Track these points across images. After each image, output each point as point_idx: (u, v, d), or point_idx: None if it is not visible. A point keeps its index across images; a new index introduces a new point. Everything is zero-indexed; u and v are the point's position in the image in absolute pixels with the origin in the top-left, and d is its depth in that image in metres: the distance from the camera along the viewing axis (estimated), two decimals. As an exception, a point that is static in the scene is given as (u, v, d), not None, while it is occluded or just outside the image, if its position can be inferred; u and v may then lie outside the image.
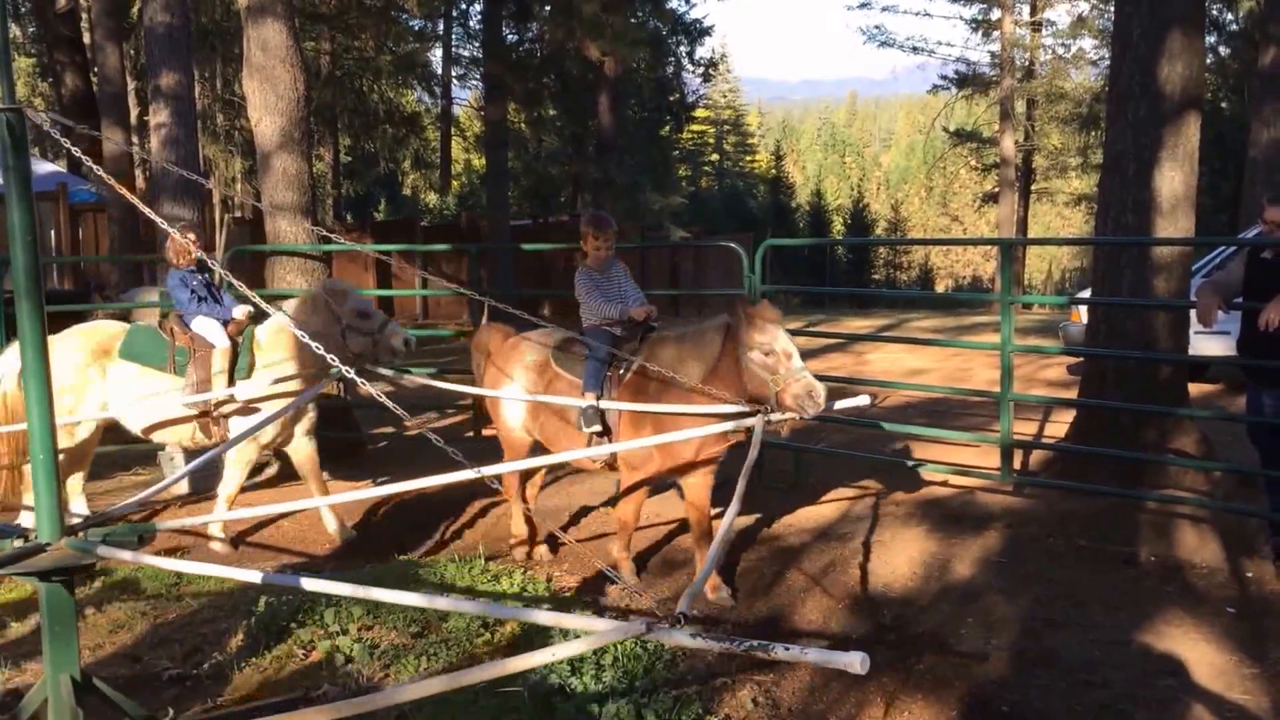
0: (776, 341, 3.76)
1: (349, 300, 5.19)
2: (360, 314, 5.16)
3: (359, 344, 5.12)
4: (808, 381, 3.68)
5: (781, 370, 3.73)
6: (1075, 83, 26.20)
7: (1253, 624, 3.98)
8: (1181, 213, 5.49)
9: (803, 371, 3.71)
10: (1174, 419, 5.46)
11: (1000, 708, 3.36)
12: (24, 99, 16.03)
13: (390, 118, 21.82)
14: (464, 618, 3.98)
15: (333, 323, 5.14)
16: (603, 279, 4.52)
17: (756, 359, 3.79)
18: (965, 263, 50.02)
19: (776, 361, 3.75)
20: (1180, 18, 5.39)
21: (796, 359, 3.75)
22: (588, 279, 4.49)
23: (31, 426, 2.89)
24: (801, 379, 3.69)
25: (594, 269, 4.50)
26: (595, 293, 4.46)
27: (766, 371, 3.76)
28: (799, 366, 3.72)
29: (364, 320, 5.15)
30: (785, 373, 3.72)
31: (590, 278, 4.49)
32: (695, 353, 4.03)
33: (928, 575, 4.53)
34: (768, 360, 3.77)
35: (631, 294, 4.55)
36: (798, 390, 3.67)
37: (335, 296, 5.20)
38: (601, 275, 4.52)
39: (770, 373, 3.75)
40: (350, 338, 5.13)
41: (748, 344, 3.81)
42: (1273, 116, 11.18)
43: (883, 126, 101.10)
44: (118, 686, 3.10)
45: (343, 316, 5.14)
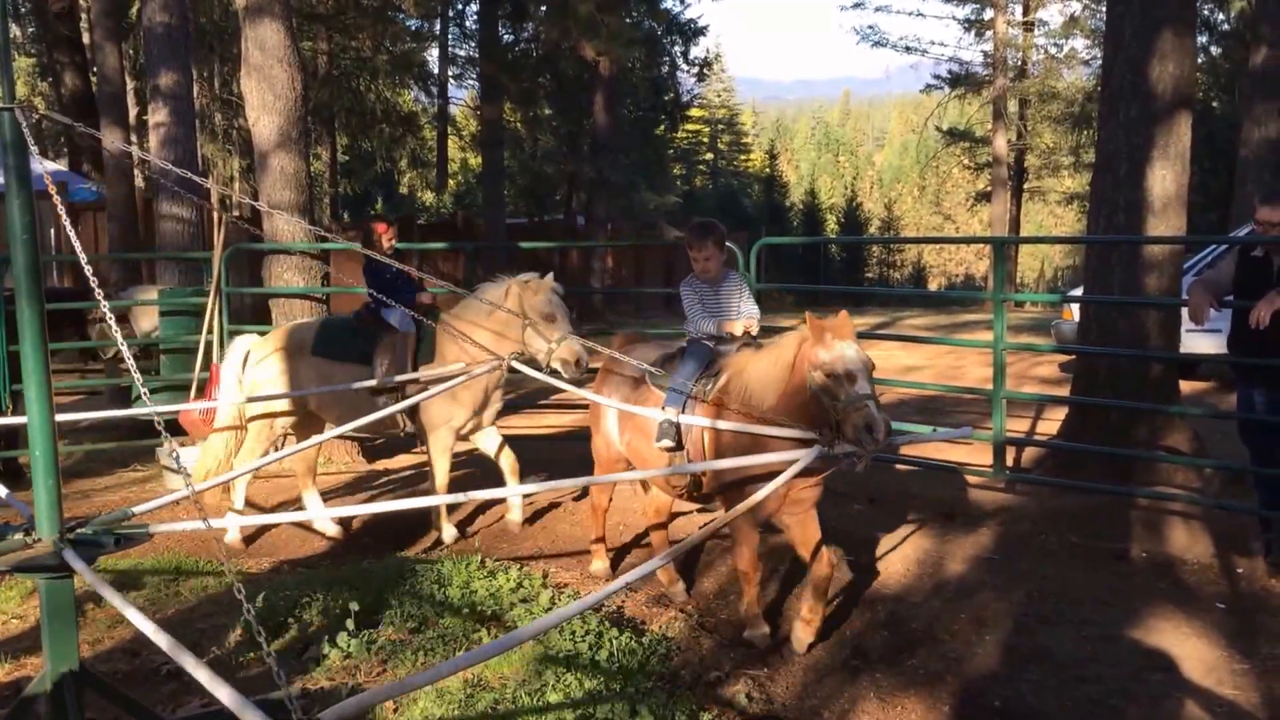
0: (840, 362, 3.32)
1: (540, 299, 4.86)
2: (545, 316, 4.84)
3: (536, 345, 4.85)
4: (867, 413, 3.22)
5: (841, 396, 3.29)
6: (1067, 82, 26.30)
7: (1243, 620, 4.02)
8: (1173, 211, 5.54)
9: (864, 400, 3.25)
10: (1165, 416, 5.51)
11: (993, 703, 3.40)
12: (23, 98, 15.94)
13: (387, 117, 21.81)
14: (460, 615, 4.00)
15: (517, 317, 4.89)
16: (707, 290, 4.19)
17: (818, 380, 3.35)
18: (958, 261, 50.15)
19: (838, 385, 3.31)
20: (1172, 18, 5.44)
21: (861, 383, 3.29)
22: (689, 291, 4.21)
23: (32, 425, 2.90)
24: (861, 409, 3.24)
25: (701, 280, 4.20)
26: (695, 306, 4.17)
27: (827, 396, 3.34)
28: (861, 393, 3.26)
29: (547, 323, 4.83)
30: (845, 400, 3.27)
31: (693, 289, 4.21)
32: (768, 372, 3.60)
33: (921, 571, 4.56)
34: (828, 383, 3.33)
35: (738, 308, 4.20)
36: (856, 422, 3.23)
37: (528, 290, 4.90)
38: (708, 287, 4.20)
39: (831, 398, 3.32)
40: (530, 337, 4.86)
41: (811, 362, 3.39)
42: (1263, 116, 11.26)
43: (876, 126, 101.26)
44: (117, 681, 3.12)
45: (529, 313, 4.87)
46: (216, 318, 6.68)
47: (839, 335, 3.38)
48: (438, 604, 4.09)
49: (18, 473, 6.40)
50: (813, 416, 3.43)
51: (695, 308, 4.18)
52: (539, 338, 4.83)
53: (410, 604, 4.06)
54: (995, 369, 5.47)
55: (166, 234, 8.00)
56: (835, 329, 3.39)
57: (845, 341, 3.37)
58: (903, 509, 5.39)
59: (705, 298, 4.19)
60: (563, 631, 3.68)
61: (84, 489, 6.30)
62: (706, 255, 4.15)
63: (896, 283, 43.20)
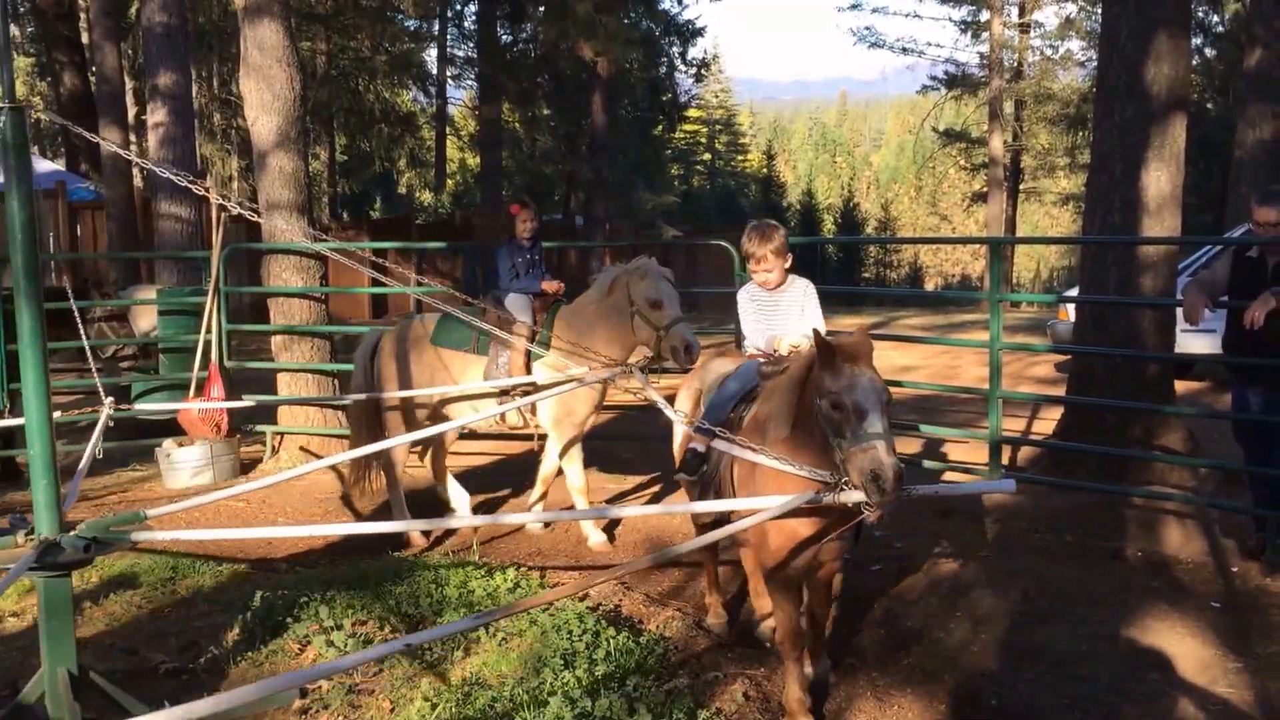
0: (848, 392, 2.77)
1: (645, 285, 4.65)
2: (651, 303, 4.62)
3: (645, 334, 4.68)
4: (875, 456, 2.67)
5: (847, 433, 2.76)
6: (1063, 84, 26.37)
7: (1238, 618, 4.04)
8: (1168, 212, 5.56)
9: (872, 440, 2.70)
10: (1160, 416, 5.53)
11: (989, 701, 3.41)
12: (22, 98, 15.95)
13: (386, 117, 21.83)
14: (458, 614, 4.01)
15: (625, 305, 4.71)
16: (766, 300, 3.71)
17: (824, 411, 2.83)
18: (954, 261, 50.24)
19: (844, 420, 2.77)
20: (1167, 19, 5.46)
21: (872, 420, 2.73)
22: (744, 299, 3.76)
23: (30, 424, 2.91)
24: (868, 449, 2.69)
25: (760, 287, 3.72)
26: (748, 316, 3.72)
27: (832, 431, 2.82)
28: (872, 431, 2.71)
29: (653, 310, 4.62)
30: (851, 439, 2.74)
31: (750, 298, 3.73)
32: (781, 399, 3.08)
33: (916, 570, 4.58)
34: (835, 416, 2.80)
35: (797, 321, 3.67)
36: (861, 466, 2.69)
37: (633, 277, 4.70)
38: (767, 295, 3.72)
39: (836, 434, 2.80)
40: (638, 325, 4.69)
41: (818, 389, 2.86)
42: (1257, 117, 11.30)
43: (873, 126, 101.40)
44: (114, 680, 3.12)
45: (635, 299, 4.67)
46: (215, 317, 6.68)
47: (852, 359, 2.83)
48: (435, 604, 4.09)
49: (16, 473, 6.40)
50: (814, 454, 2.94)
51: (747, 317, 3.70)
52: (646, 326, 4.65)
53: (407, 604, 4.07)
54: (991, 369, 5.49)
55: (165, 233, 8.01)
56: (848, 352, 2.84)
57: (859, 368, 2.82)
58: (898, 507, 5.40)
59: (763, 306, 3.70)
60: (560, 630, 3.69)
61: (81, 488, 6.29)
62: (766, 267, 3.65)
63: (893, 283, 43.24)
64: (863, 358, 2.85)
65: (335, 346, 7.14)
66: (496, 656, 3.62)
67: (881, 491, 2.68)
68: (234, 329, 7.00)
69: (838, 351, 2.85)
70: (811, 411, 2.91)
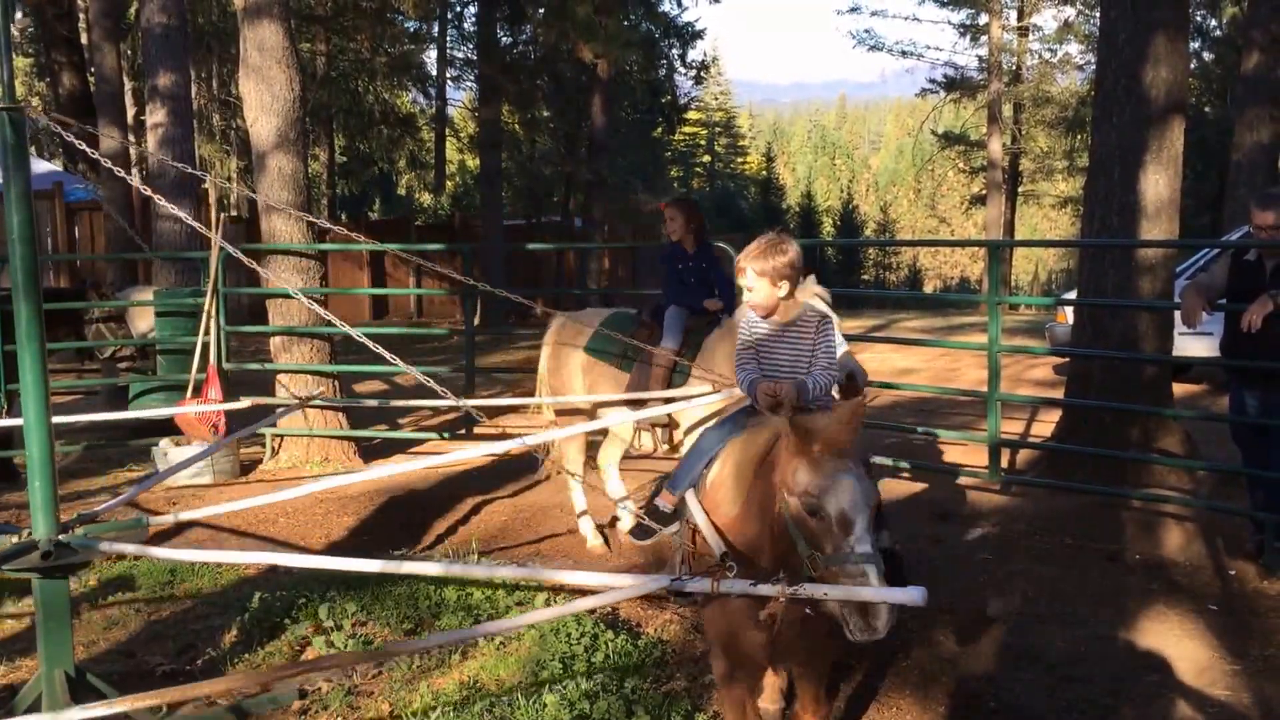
0: (831, 497, 2.20)
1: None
2: None
3: None
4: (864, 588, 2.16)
5: (828, 548, 2.21)
6: (1062, 87, 26.41)
7: (1235, 621, 4.04)
8: (1166, 215, 5.57)
9: (861, 564, 2.16)
10: (1158, 418, 5.54)
11: (987, 704, 3.41)
12: (21, 98, 15.96)
13: (385, 118, 21.83)
14: (456, 615, 4.01)
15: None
16: (766, 331, 2.91)
17: (793, 510, 2.27)
18: (953, 264, 50.32)
19: (823, 530, 2.22)
20: (1165, 23, 5.47)
21: (860, 534, 2.18)
22: (742, 326, 2.97)
23: (28, 425, 2.91)
24: (855, 577, 2.17)
25: (762, 317, 2.92)
26: (742, 354, 2.94)
27: (804, 538, 2.26)
28: (861, 552, 2.17)
29: None
30: (831, 558, 2.20)
31: (748, 325, 2.94)
32: (734, 471, 2.54)
33: (916, 572, 4.57)
34: (809, 523, 2.23)
35: (805, 367, 2.87)
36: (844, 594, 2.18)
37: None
38: (773, 329, 2.90)
39: (810, 543, 2.25)
40: None
41: (787, 482, 2.28)
42: (1255, 121, 11.32)
43: (872, 129, 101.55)
44: (112, 682, 3.12)
45: None
46: (213, 318, 6.68)
47: (833, 445, 2.24)
48: (434, 605, 4.09)
49: (13, 473, 6.39)
50: (780, 552, 2.34)
51: (741, 354, 2.94)
52: None
53: (406, 605, 4.07)
54: (990, 371, 5.50)
55: (164, 234, 8.00)
56: (828, 435, 2.24)
57: (843, 458, 2.23)
58: (898, 510, 5.41)
59: (764, 344, 2.92)
60: (558, 633, 3.69)
61: (79, 489, 6.29)
62: (746, 284, 2.88)
63: (892, 285, 43.30)
64: (847, 445, 2.24)
65: (335, 348, 7.14)
66: (495, 660, 3.62)
67: (870, 629, 2.17)
68: (233, 330, 6.99)
69: (817, 436, 2.23)
70: (770, 498, 2.34)
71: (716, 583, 2.39)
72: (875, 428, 6.54)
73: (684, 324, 4.52)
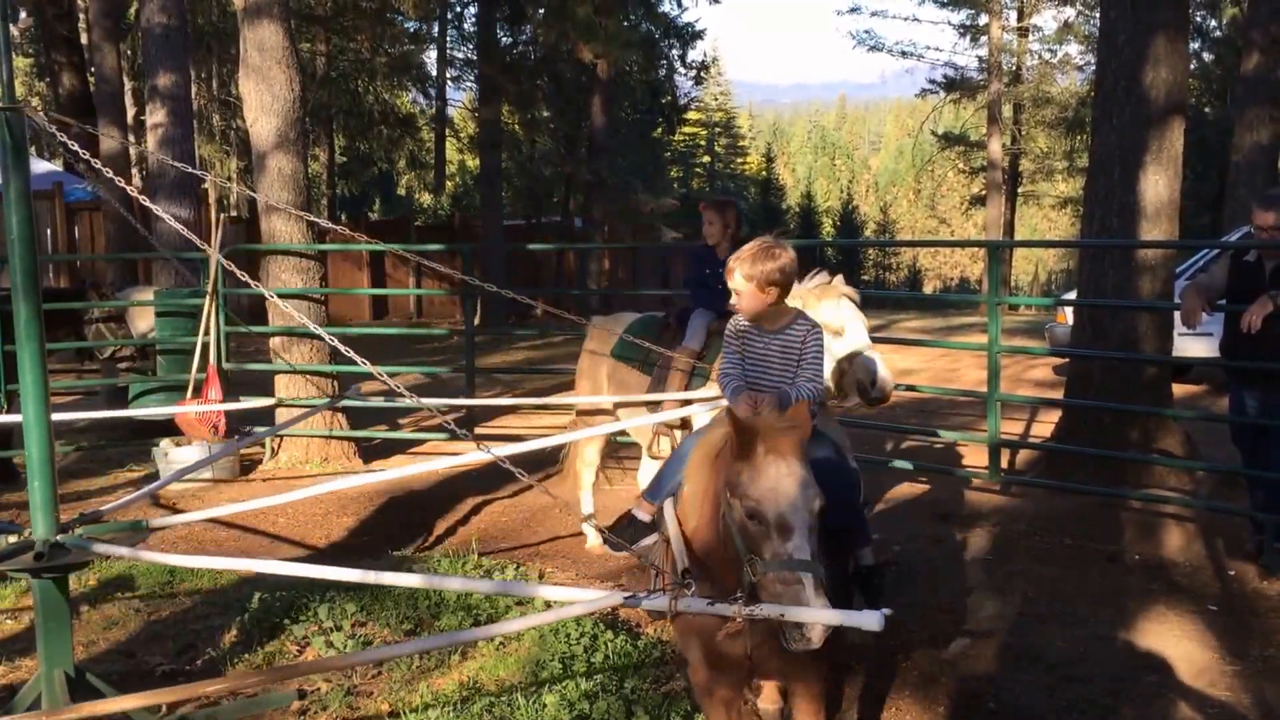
0: (771, 501, 2.10)
1: (823, 309, 3.71)
2: (832, 331, 3.68)
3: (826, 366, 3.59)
4: (796, 597, 2.07)
5: (766, 554, 2.10)
6: (1061, 87, 26.43)
7: (1235, 622, 4.04)
8: (1165, 216, 5.58)
9: (796, 571, 2.07)
10: (1158, 419, 5.54)
11: (987, 704, 3.41)
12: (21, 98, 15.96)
13: (385, 118, 21.84)
14: (456, 615, 4.01)
15: None
16: (756, 341, 2.82)
17: (736, 517, 2.17)
18: (953, 264, 50.34)
19: (761, 534, 2.11)
20: (1165, 24, 5.48)
21: (798, 542, 2.08)
22: (729, 332, 2.91)
23: (28, 425, 2.91)
24: (789, 584, 2.07)
25: (748, 320, 2.84)
26: (728, 360, 2.87)
27: (745, 541, 2.16)
28: (798, 559, 2.08)
29: (832, 337, 3.68)
30: (769, 560, 2.10)
31: (735, 333, 2.88)
32: (700, 481, 2.41)
33: (916, 573, 4.58)
34: (750, 527, 2.13)
35: (792, 377, 2.80)
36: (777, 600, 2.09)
37: (808, 298, 3.78)
38: (759, 335, 2.82)
39: (750, 548, 2.14)
40: None
41: (730, 484, 2.18)
42: (1255, 121, 11.33)
43: (872, 129, 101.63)
44: (111, 682, 3.12)
45: None
46: (213, 318, 6.68)
47: (777, 449, 2.12)
48: (433, 605, 4.09)
49: (13, 473, 6.39)
50: (731, 558, 2.23)
51: (724, 357, 2.87)
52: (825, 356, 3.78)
53: (405, 605, 4.07)
54: (990, 372, 5.50)
55: (163, 234, 8.00)
56: (774, 438, 2.13)
57: (787, 463, 2.11)
58: (898, 510, 5.41)
59: (750, 346, 2.83)
60: (558, 633, 3.69)
61: (79, 489, 6.29)
62: (734, 286, 2.80)
63: (892, 285, 43.30)
64: (792, 446, 2.13)
65: (334, 348, 7.13)
66: (494, 660, 3.62)
67: (803, 640, 2.06)
68: (232, 330, 6.99)
69: (759, 437, 2.13)
70: (714, 499, 2.26)
71: (674, 601, 2.27)
72: (876, 428, 6.55)
73: (708, 327, 4.41)
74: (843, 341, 3.78)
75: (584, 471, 5.00)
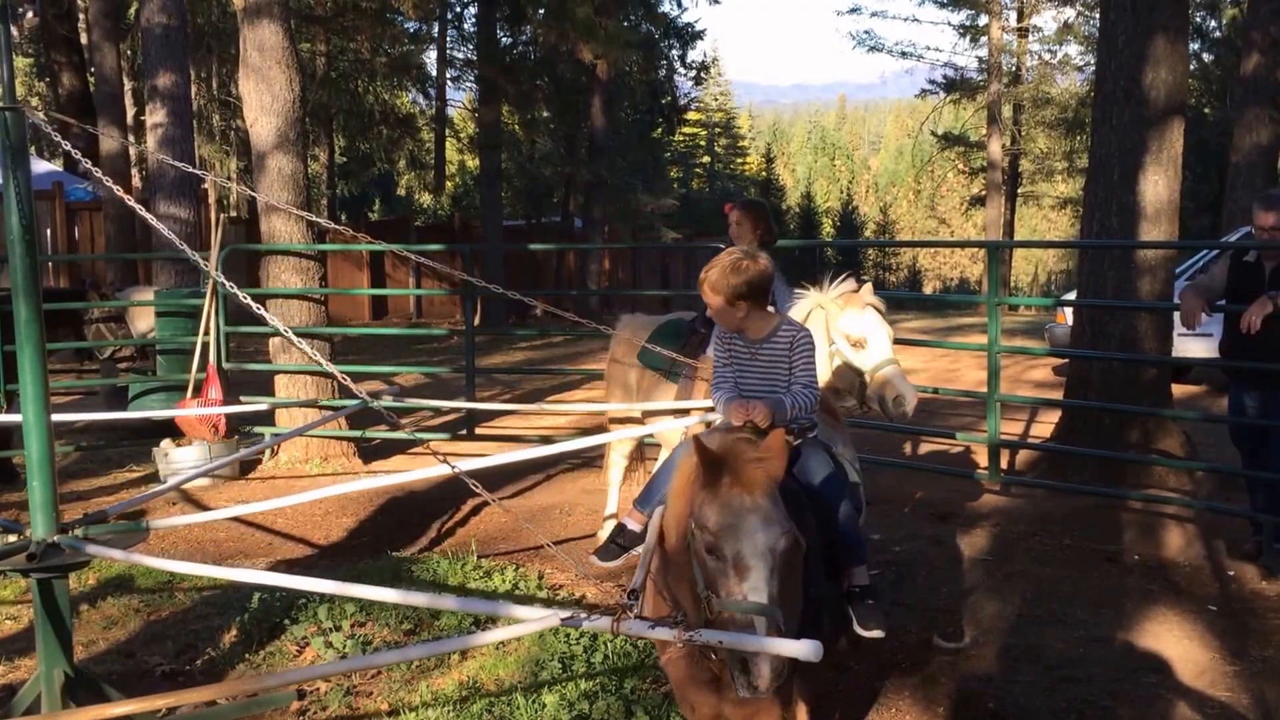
0: (730, 537, 2.00)
1: (844, 319, 3.62)
2: (852, 340, 3.62)
3: (847, 379, 3.67)
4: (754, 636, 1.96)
5: (721, 592, 2.02)
6: (1061, 88, 26.44)
7: (1235, 622, 4.04)
8: (1165, 217, 5.58)
9: (750, 615, 1.97)
10: (1158, 420, 5.54)
11: (986, 704, 3.41)
12: (21, 98, 15.94)
13: (385, 119, 21.84)
14: (455, 615, 4.01)
15: (823, 343, 3.67)
16: (742, 352, 2.72)
17: (697, 549, 2.08)
18: (953, 265, 50.36)
19: (719, 569, 2.03)
20: (1164, 24, 5.48)
21: (755, 583, 1.98)
22: (716, 341, 2.90)
23: (27, 425, 2.91)
24: (740, 626, 1.99)
25: (733, 332, 2.76)
26: (719, 371, 2.79)
27: (703, 575, 2.08)
28: (753, 602, 1.98)
29: (855, 350, 3.61)
30: (724, 598, 2.01)
31: (725, 347, 2.78)
32: (674, 507, 2.30)
33: (915, 573, 4.58)
34: (709, 563, 2.04)
35: (783, 388, 2.67)
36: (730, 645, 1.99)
37: (831, 306, 3.68)
38: (744, 346, 2.72)
39: (708, 585, 2.06)
40: (839, 368, 3.68)
41: (694, 514, 2.10)
42: (1254, 122, 11.33)
43: (872, 130, 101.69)
44: (111, 682, 3.12)
45: (833, 335, 3.67)
46: (213, 318, 6.68)
47: (742, 479, 2.02)
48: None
49: (13, 473, 6.38)
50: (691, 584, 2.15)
51: (717, 368, 2.81)
52: (847, 371, 3.67)
53: (405, 605, 4.07)
54: (990, 372, 5.50)
55: (163, 234, 8.00)
56: (741, 467, 2.02)
57: (750, 496, 2.00)
58: (898, 510, 5.42)
59: (737, 356, 2.74)
60: (558, 633, 3.69)
61: (80, 489, 6.28)
62: (706, 299, 2.73)
63: (892, 285, 43.29)
64: (761, 479, 2.01)
65: (335, 348, 7.14)
66: (494, 660, 3.62)
67: (751, 687, 1.96)
68: (232, 330, 6.99)
69: (725, 463, 2.02)
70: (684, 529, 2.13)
71: (616, 624, 2.16)
72: (876, 428, 6.54)
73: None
74: (864, 353, 3.65)
75: (612, 470, 4.96)
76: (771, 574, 1.99)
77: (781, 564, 2.01)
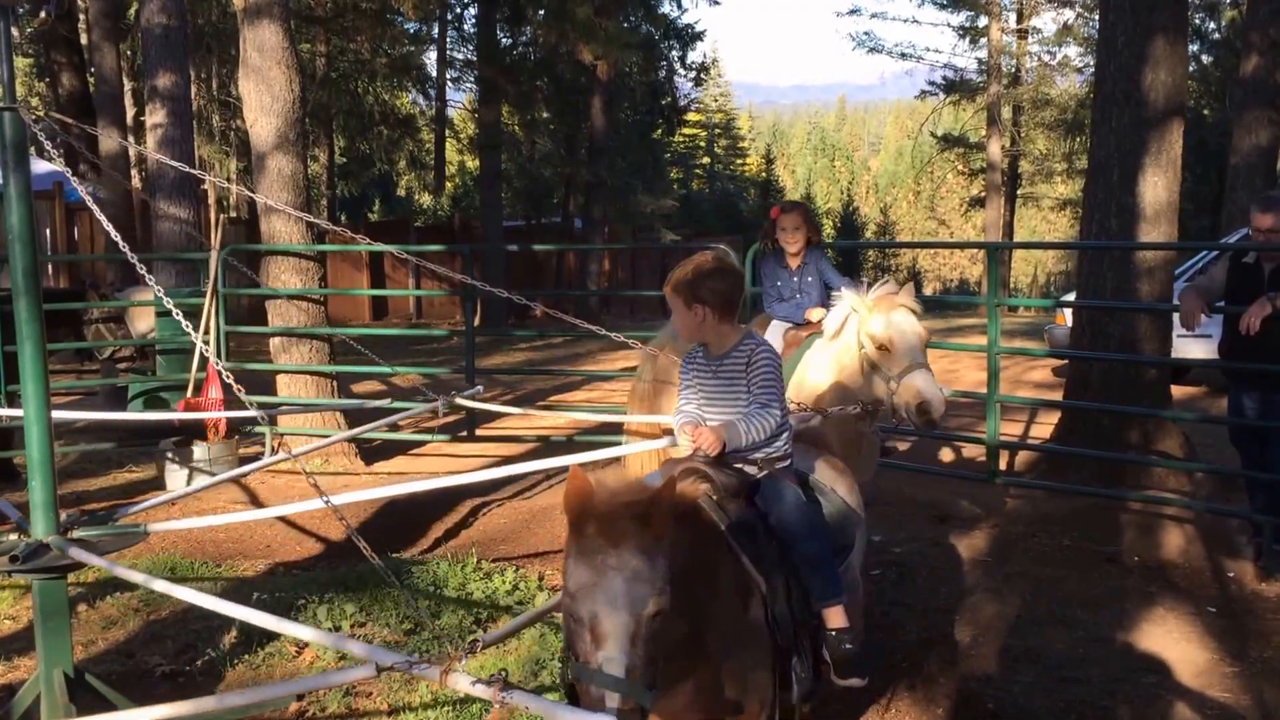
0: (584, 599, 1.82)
1: (872, 322, 3.51)
2: (878, 344, 3.49)
3: (879, 386, 3.57)
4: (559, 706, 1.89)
5: (578, 653, 1.88)
6: (1061, 89, 26.44)
7: (1234, 623, 4.05)
8: (1164, 218, 5.58)
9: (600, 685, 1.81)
10: (1157, 421, 5.55)
11: (986, 704, 3.42)
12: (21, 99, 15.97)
13: (385, 119, 21.85)
14: (456, 614, 4.01)
15: (854, 348, 3.60)
16: (704, 369, 2.60)
17: (564, 609, 1.92)
18: (953, 266, 50.36)
19: (575, 635, 1.87)
20: (1164, 26, 5.49)
21: (609, 649, 1.81)
22: (685, 365, 2.74)
23: (28, 425, 2.91)
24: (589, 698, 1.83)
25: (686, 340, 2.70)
26: (684, 391, 2.69)
27: (565, 638, 1.95)
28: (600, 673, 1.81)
29: (883, 354, 3.49)
30: (579, 663, 1.87)
31: (690, 363, 2.68)
32: None
33: (915, 574, 4.58)
34: (569, 626, 1.90)
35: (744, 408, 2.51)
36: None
37: (863, 309, 3.56)
38: (706, 362, 2.60)
39: (568, 645, 1.94)
40: (870, 374, 3.57)
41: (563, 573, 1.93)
42: (1254, 123, 11.34)
43: (872, 131, 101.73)
44: (110, 683, 3.12)
45: (862, 339, 3.55)
46: (213, 319, 6.68)
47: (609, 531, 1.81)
48: (433, 605, 4.09)
49: (13, 473, 6.38)
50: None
51: (682, 391, 2.66)
52: (876, 376, 3.56)
53: (405, 606, 4.07)
54: (989, 373, 5.51)
55: (163, 234, 8.00)
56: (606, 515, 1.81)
57: (614, 553, 1.79)
58: (898, 512, 5.42)
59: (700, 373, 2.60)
60: (559, 633, 3.69)
61: (80, 489, 6.28)
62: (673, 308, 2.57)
63: (892, 287, 43.11)
64: (631, 532, 1.79)
65: (334, 348, 7.14)
66: (494, 659, 3.62)
67: None
68: (232, 331, 6.99)
69: (591, 518, 1.79)
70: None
71: (444, 675, 1.99)
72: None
73: (784, 338, 4.12)
74: (890, 358, 3.50)
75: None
76: (633, 642, 1.76)
77: (649, 631, 1.78)
